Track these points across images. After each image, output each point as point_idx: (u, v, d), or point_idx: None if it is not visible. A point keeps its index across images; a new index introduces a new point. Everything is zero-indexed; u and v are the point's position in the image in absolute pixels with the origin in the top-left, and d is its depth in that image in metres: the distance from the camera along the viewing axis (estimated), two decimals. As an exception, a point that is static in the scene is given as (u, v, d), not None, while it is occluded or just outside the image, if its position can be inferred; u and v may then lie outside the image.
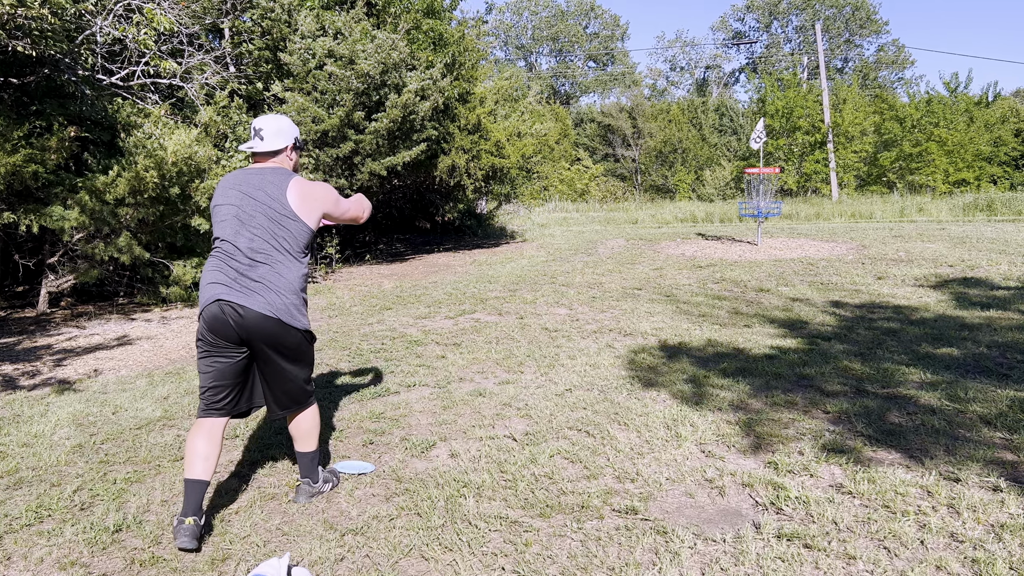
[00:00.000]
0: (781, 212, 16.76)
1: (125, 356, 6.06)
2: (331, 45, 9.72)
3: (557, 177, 34.54)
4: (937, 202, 20.37)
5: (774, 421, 3.86)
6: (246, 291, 2.84)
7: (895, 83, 51.76)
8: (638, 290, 8.30)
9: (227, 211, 2.97)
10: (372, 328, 6.70)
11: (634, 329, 6.24)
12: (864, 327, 6.06)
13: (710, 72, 64.32)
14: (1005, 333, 5.67)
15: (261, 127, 3.09)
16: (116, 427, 4.14)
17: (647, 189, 39.51)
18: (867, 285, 8.08)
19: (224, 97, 9.05)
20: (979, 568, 2.43)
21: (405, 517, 2.95)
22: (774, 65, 54.91)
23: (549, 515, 2.92)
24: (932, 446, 3.45)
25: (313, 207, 3.03)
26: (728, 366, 4.95)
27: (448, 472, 3.35)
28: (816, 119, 28.06)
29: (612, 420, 3.97)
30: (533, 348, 5.71)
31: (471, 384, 4.80)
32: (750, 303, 7.30)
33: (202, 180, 8.06)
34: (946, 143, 26.45)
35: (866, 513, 2.84)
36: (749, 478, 3.18)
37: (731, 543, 2.66)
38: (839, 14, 56.73)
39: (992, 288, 7.65)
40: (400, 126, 10.53)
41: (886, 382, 4.49)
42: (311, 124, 9.58)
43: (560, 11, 62.80)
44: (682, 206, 24.18)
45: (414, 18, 11.64)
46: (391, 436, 3.87)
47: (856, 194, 26.21)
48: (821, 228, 15.82)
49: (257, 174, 3.02)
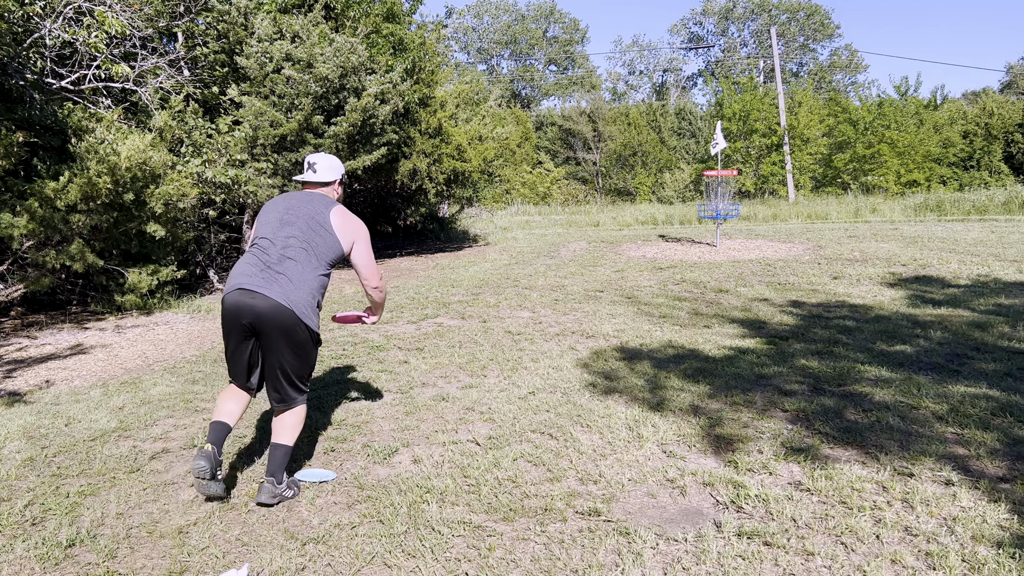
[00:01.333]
0: (739, 214, 17.00)
1: (78, 366, 5.92)
2: (289, 49, 9.61)
3: (519, 180, 34.59)
4: (890, 202, 20.83)
5: (734, 421, 3.91)
6: (269, 281, 3.08)
7: (848, 87, 52.81)
8: (600, 292, 8.35)
9: (272, 216, 3.30)
10: (333, 334, 6.64)
11: (596, 331, 6.27)
12: (821, 326, 6.17)
13: (668, 76, 65.01)
14: (956, 330, 5.82)
15: (315, 162, 3.49)
16: (69, 439, 4.04)
17: (608, 192, 39.75)
18: (823, 285, 8.23)
19: (179, 101, 8.90)
20: (932, 561, 2.49)
21: (367, 524, 2.92)
22: (731, 69, 55.73)
23: (512, 519, 2.92)
24: (887, 442, 3.52)
25: (347, 232, 3.32)
26: (688, 367, 5.00)
27: (411, 478, 3.33)
28: (772, 122, 28.53)
29: (575, 422, 3.99)
30: (496, 352, 5.71)
31: (434, 389, 4.78)
32: (710, 304, 7.39)
33: (157, 186, 7.91)
34: (897, 145, 27.07)
35: (824, 510, 2.88)
36: (710, 477, 3.21)
37: (693, 542, 2.68)
38: (793, 19, 57.81)
39: (943, 286, 7.85)
40: (360, 130, 10.46)
41: (842, 380, 4.57)
42: (269, 128, 9.46)
43: (520, 15, 62.98)
44: (643, 208, 24.38)
45: (373, 22, 11.57)
46: (353, 443, 3.84)
47: (812, 195, 26.66)
48: (778, 229, 16.08)
49: (307, 195, 3.39)
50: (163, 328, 7.33)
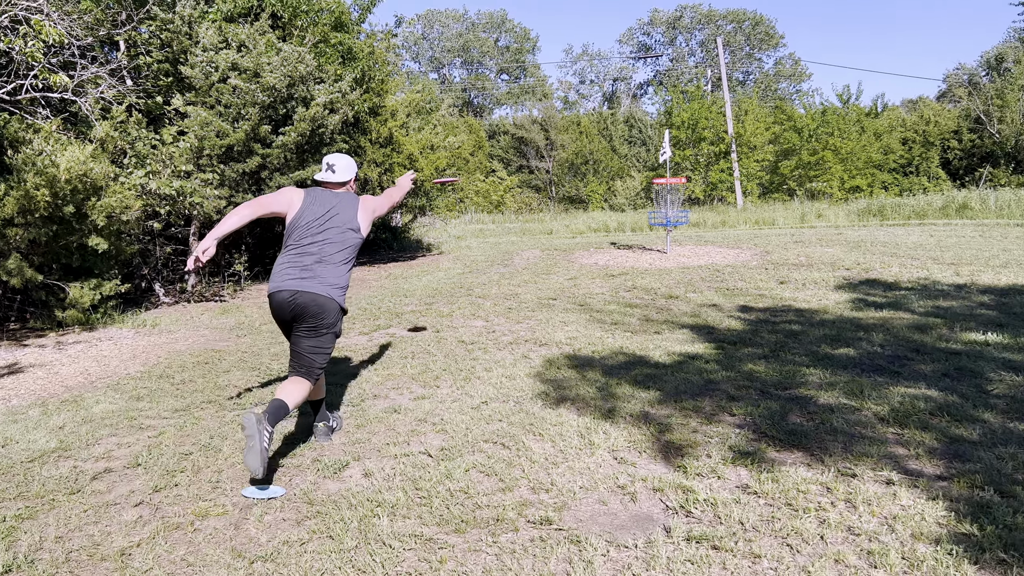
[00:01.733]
0: (689, 221, 17.26)
1: (16, 385, 5.72)
2: (235, 58, 9.48)
3: (473, 189, 34.62)
4: (835, 208, 21.37)
5: (683, 426, 3.96)
6: (308, 279, 3.69)
7: (793, 95, 54.15)
8: (553, 300, 8.39)
9: (311, 219, 3.82)
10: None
11: (549, 339, 6.30)
12: (768, 330, 6.29)
13: (619, 84, 65.82)
14: (897, 332, 5.99)
15: (334, 163, 4.04)
16: (6, 460, 3.90)
17: (561, 200, 40.04)
18: (771, 290, 8.40)
19: (121, 112, 8.70)
20: (874, 559, 2.55)
21: (317, 541, 2.88)
22: (679, 78, 56.66)
23: (464, 530, 2.91)
24: (831, 444, 3.60)
25: (367, 215, 3.98)
26: (639, 373, 5.05)
27: (361, 492, 3.30)
28: (720, 130, 29.08)
29: (527, 431, 3.99)
30: (449, 362, 5.69)
31: (386, 401, 4.75)
32: (660, 310, 7.48)
33: (99, 198, 7.72)
34: (840, 151, 27.83)
35: (770, 512, 2.94)
36: (660, 483, 3.25)
37: (643, 548, 2.71)
38: (739, 29, 59.09)
39: (885, 289, 8.07)
40: (309, 140, 10.36)
41: (788, 383, 4.67)
42: (215, 139, 9.31)
43: (471, 23, 63.14)
44: (595, 216, 24.60)
45: (322, 31, 11.48)
46: (302, 458, 3.78)
47: (760, 202, 27.23)
48: (727, 235, 16.36)
49: (334, 196, 3.93)
50: (107, 344, 7.14)
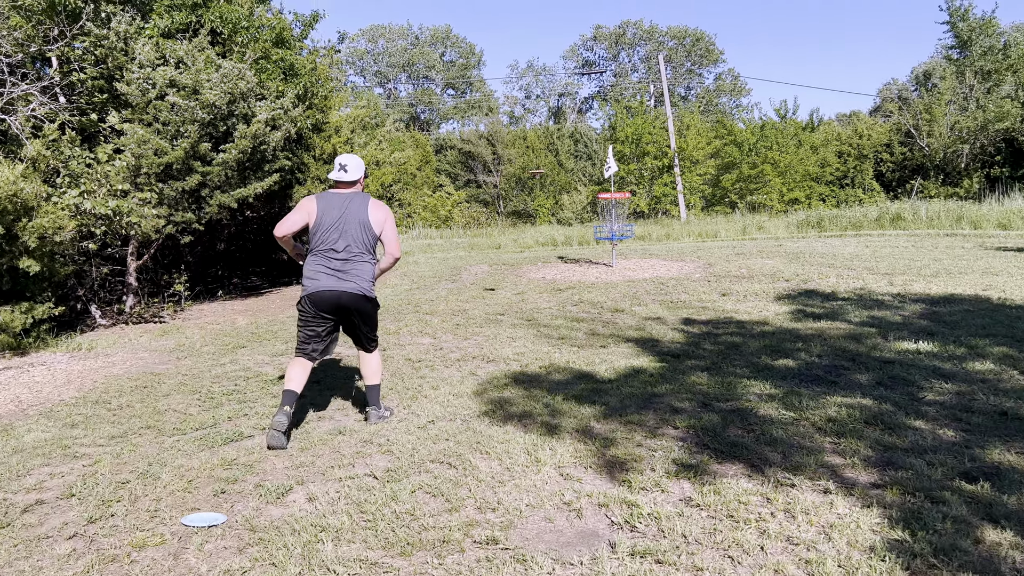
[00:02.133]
0: (634, 234, 17.49)
1: (-58, 415, 5.49)
2: (173, 75, 9.30)
3: (420, 204, 34.52)
4: (775, 220, 21.91)
5: (628, 440, 4.00)
6: (344, 280, 4.31)
7: (733, 109, 55.45)
8: (501, 315, 8.41)
9: (330, 222, 4.33)
10: (224, 368, 6.42)
11: (497, 355, 6.31)
12: (710, 342, 6.41)
13: (564, 100, 66.50)
14: (834, 342, 6.16)
15: (345, 163, 4.43)
16: (-71, 497, 3.73)
17: (509, 214, 40.16)
18: (713, 302, 8.56)
19: (54, 130, 8.45)
20: (811, 568, 2.62)
21: (259, 568, 2.83)
22: (623, 93, 57.49)
23: (410, 553, 2.89)
24: (771, 454, 3.68)
25: (379, 220, 4.43)
26: (586, 387, 5.10)
27: (305, 517, 3.25)
28: (663, 144, 29.61)
29: (474, 450, 3.99)
30: (396, 380, 5.66)
31: (331, 422, 4.69)
32: (606, 324, 7.56)
33: (30, 219, 7.48)
34: (779, 165, 28.59)
35: (712, 524, 2.99)
36: (605, 498, 3.28)
37: (588, 565, 2.72)
38: (680, 45, 60.33)
39: (823, 300, 8.30)
40: (251, 157, 10.21)
41: (730, 396, 4.76)
42: (153, 157, 9.10)
43: (415, 38, 63.15)
44: (543, 230, 24.73)
45: (263, 47, 11.34)
46: (244, 483, 3.71)
47: (703, 215, 27.78)
48: (671, 248, 16.63)
49: (347, 197, 4.40)
50: (39, 369, 6.90)
